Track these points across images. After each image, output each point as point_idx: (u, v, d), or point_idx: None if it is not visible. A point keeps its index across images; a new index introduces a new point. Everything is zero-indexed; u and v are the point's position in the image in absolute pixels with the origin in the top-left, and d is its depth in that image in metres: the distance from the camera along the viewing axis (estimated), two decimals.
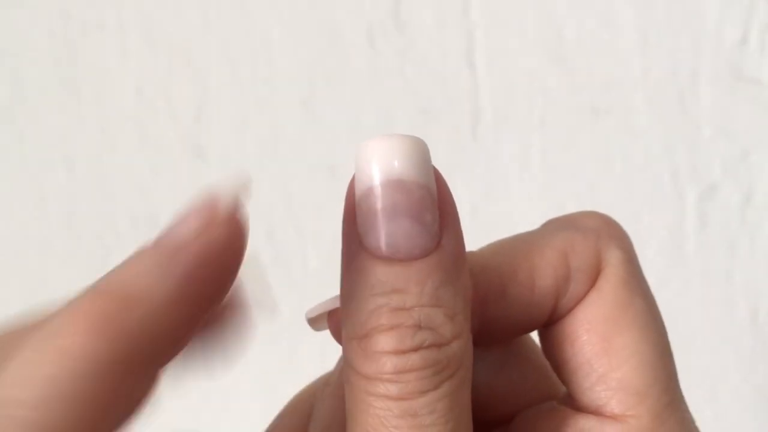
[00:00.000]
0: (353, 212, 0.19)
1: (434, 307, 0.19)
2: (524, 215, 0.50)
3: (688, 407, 0.22)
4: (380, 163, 0.19)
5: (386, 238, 0.19)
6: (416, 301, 0.19)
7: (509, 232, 0.22)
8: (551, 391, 0.23)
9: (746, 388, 0.50)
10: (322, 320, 0.22)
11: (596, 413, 0.21)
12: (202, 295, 0.18)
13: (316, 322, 0.22)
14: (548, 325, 0.22)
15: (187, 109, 0.51)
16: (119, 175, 0.53)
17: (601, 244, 0.22)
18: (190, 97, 0.51)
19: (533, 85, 0.49)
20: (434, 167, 0.20)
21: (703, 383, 0.50)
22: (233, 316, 0.21)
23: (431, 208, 0.19)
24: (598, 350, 0.21)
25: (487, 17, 0.49)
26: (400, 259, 0.19)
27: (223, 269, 0.18)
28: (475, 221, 0.50)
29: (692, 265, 0.50)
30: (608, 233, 0.22)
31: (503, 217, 0.50)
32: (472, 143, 0.50)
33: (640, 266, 0.22)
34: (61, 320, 0.17)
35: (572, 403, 0.22)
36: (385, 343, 0.19)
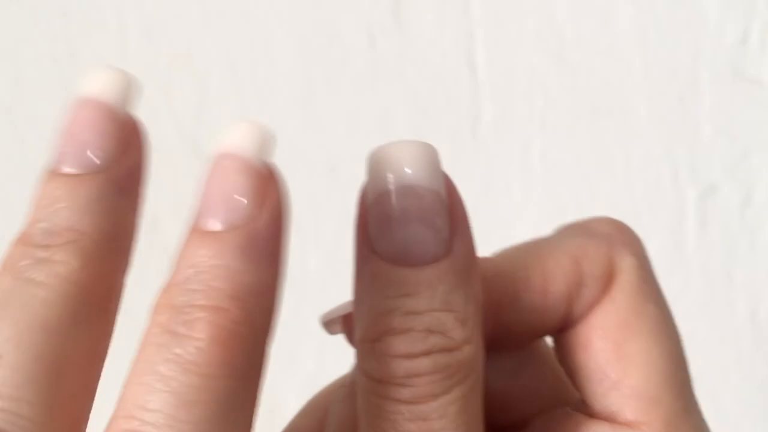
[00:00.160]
0: (365, 217, 0.20)
1: (445, 311, 0.19)
2: (524, 215, 0.50)
3: (702, 414, 0.22)
4: (392, 169, 0.19)
5: (398, 243, 0.19)
6: (427, 305, 0.19)
7: (509, 231, 0.22)
8: (565, 396, 0.23)
9: (746, 388, 0.50)
10: (336, 324, 0.23)
11: (609, 420, 0.21)
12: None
13: (330, 325, 0.23)
14: (562, 330, 0.22)
15: (187, 109, 0.51)
16: None
17: (614, 250, 0.22)
18: (190, 97, 0.51)
19: (533, 85, 0.49)
20: (445, 173, 0.20)
21: (703, 383, 0.50)
22: None
23: (442, 213, 0.19)
24: (610, 357, 0.21)
25: (487, 17, 0.49)
26: (411, 264, 0.19)
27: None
28: (474, 221, 0.50)
29: (692, 265, 0.50)
30: (621, 239, 0.22)
31: (503, 216, 0.50)
32: (472, 143, 0.50)
33: (653, 272, 0.22)
34: None
35: (586, 409, 0.22)
36: (396, 346, 0.19)
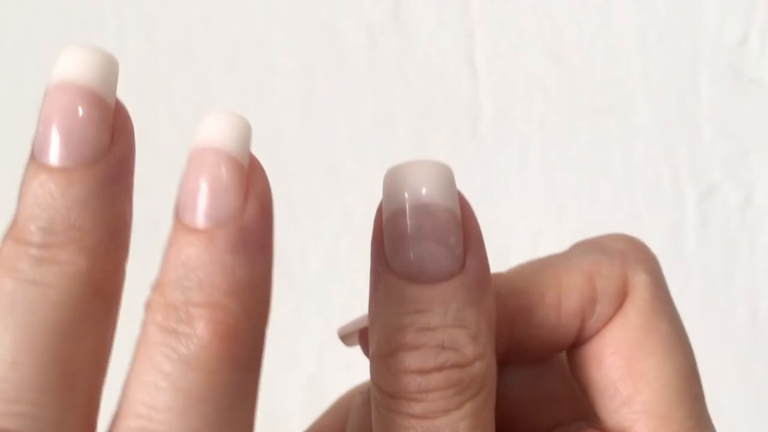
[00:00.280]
0: (381, 234, 0.20)
1: (458, 327, 0.20)
2: (524, 215, 0.50)
3: (715, 430, 0.22)
4: (407, 187, 0.20)
5: (412, 260, 0.20)
6: (440, 321, 0.19)
7: (509, 232, 0.23)
8: (580, 411, 0.24)
9: (746, 388, 0.50)
10: (353, 337, 0.23)
11: None
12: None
13: (347, 338, 0.23)
14: (575, 346, 0.23)
15: (187, 109, 0.51)
16: None
17: (628, 267, 0.22)
18: (190, 97, 0.51)
19: (533, 84, 0.49)
20: (459, 191, 0.20)
21: (703, 383, 0.50)
22: None
23: (455, 231, 0.20)
24: (623, 373, 0.22)
25: (487, 17, 0.49)
26: (425, 281, 0.20)
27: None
28: None
29: (692, 265, 0.50)
30: (635, 257, 0.22)
31: (503, 216, 0.50)
32: (472, 143, 0.50)
33: (667, 289, 0.23)
34: None
35: (599, 424, 0.22)
36: (409, 362, 0.19)
